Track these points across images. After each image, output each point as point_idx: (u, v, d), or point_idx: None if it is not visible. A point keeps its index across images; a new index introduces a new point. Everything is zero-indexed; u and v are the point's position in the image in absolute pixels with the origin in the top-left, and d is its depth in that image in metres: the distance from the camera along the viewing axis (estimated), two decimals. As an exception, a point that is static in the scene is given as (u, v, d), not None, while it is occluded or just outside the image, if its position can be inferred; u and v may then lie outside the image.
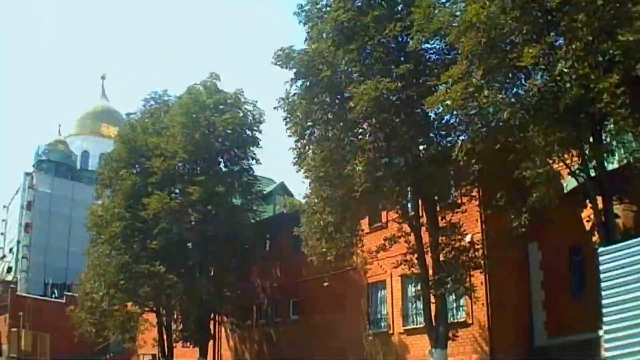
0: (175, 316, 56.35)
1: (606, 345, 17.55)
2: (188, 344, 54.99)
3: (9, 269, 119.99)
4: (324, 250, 33.71)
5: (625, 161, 26.22)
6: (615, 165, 26.55)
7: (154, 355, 66.35)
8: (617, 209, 26.74)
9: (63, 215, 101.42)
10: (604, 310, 17.84)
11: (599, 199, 25.51)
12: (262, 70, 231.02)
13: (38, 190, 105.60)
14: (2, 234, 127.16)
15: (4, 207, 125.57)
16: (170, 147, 50.11)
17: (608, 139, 25.09)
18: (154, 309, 57.02)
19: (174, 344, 56.44)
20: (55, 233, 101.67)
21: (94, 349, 76.91)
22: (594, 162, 25.19)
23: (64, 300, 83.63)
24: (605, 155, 24.89)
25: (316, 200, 33.20)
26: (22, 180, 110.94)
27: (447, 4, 28.43)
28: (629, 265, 17.26)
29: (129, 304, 57.71)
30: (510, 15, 23.93)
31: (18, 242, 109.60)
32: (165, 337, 56.83)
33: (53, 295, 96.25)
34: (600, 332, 29.15)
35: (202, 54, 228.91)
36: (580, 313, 31.59)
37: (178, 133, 49.93)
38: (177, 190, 51.67)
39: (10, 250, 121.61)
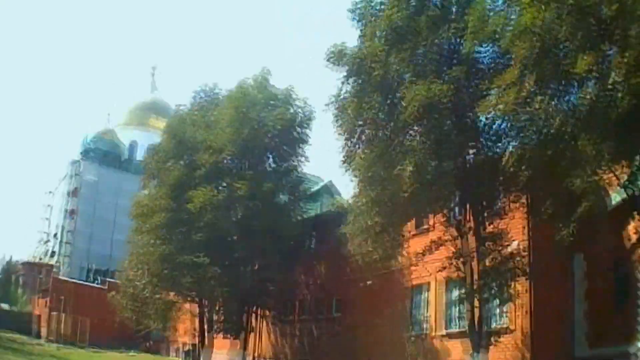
0: (216, 307, 56.69)
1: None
2: (229, 335, 55.64)
3: (52, 254, 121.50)
4: (369, 250, 33.77)
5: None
6: (666, 180, 26.20)
7: (194, 345, 66.89)
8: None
9: (108, 204, 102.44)
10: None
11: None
12: (313, 68, 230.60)
13: (84, 177, 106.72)
14: (47, 219, 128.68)
15: (50, 192, 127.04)
16: (218, 142, 50.56)
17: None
18: (196, 299, 57.41)
19: (215, 335, 56.77)
20: (100, 220, 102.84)
21: (134, 336, 77.67)
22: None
23: (105, 287, 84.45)
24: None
25: (364, 201, 32.97)
26: (68, 168, 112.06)
27: (502, 9, 28.24)
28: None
29: (171, 293, 58.05)
30: (565, 22, 23.72)
31: (62, 227, 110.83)
32: (205, 327, 57.05)
33: (95, 281, 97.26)
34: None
35: (255, 49, 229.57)
36: (622, 326, 31.42)
37: (227, 128, 50.34)
38: (223, 185, 51.95)
39: (55, 235, 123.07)
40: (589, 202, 24.77)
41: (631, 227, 28.83)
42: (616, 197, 29.75)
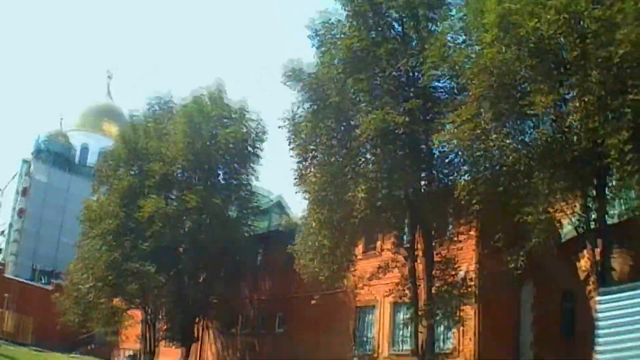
0: (160, 315, 56.63)
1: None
2: (172, 343, 55.49)
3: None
4: (316, 270, 33.67)
5: (626, 217, 26.31)
6: (616, 220, 26.54)
7: (136, 351, 66.63)
8: (614, 261, 26.75)
9: (57, 206, 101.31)
10: (599, 349, 17.99)
11: (597, 250, 25.58)
12: (268, 77, 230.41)
13: (34, 178, 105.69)
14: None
15: (0, 190, 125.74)
16: (170, 153, 50.40)
17: (611, 194, 25.14)
18: (141, 306, 57.14)
19: (158, 343, 56.77)
20: (48, 222, 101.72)
21: (77, 339, 77.10)
22: (594, 214, 25.26)
23: (50, 287, 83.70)
24: (606, 209, 24.91)
25: (313, 223, 33.01)
26: (19, 167, 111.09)
27: (462, 45, 28.51)
28: (627, 307, 17.45)
29: (116, 299, 57.89)
30: (525, 63, 23.98)
31: (10, 225, 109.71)
32: (149, 334, 56.89)
33: (41, 281, 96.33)
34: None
35: (209, 57, 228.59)
36: (567, 356, 31.82)
37: (179, 140, 50.18)
38: (173, 196, 52.01)
39: (2, 232, 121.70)
40: (540, 238, 24.88)
41: (580, 263, 29.14)
42: (567, 231, 30.10)
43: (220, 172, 52.90)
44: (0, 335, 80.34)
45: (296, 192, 33.87)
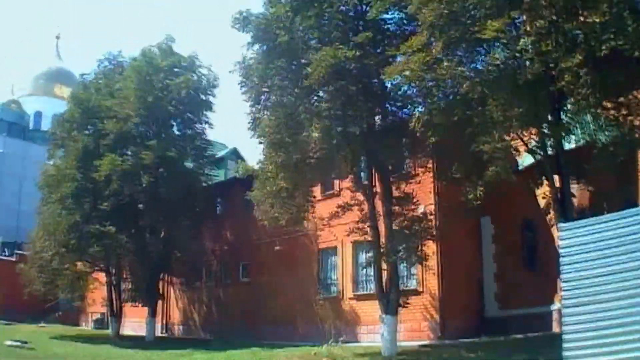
0: (125, 276, 57.23)
1: (566, 320, 17.60)
2: (137, 303, 55.56)
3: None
4: (276, 215, 33.59)
5: (582, 142, 26.23)
6: (573, 145, 26.52)
7: (103, 314, 66.64)
8: (573, 188, 26.70)
9: (14, 174, 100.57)
10: (563, 285, 17.93)
11: (556, 177, 25.51)
12: (218, 34, 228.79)
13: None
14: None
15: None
16: (123, 110, 50.18)
17: (567, 118, 24.96)
18: (104, 268, 57.33)
19: (123, 304, 56.96)
20: (6, 192, 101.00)
21: (44, 307, 76.92)
22: (551, 141, 25.13)
23: (14, 259, 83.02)
24: (563, 134, 24.71)
25: (270, 167, 32.92)
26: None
27: (410, -26, 28.08)
28: (589, 242, 17.38)
29: (79, 263, 58.10)
30: (474, -11, 23.67)
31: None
32: (114, 296, 57.06)
33: (3, 254, 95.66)
34: (553, 306, 29.58)
35: (158, 16, 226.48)
36: (532, 287, 31.96)
37: (131, 95, 50.02)
38: (129, 153, 51.53)
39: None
40: (497, 167, 24.76)
41: (539, 191, 29.05)
42: (525, 159, 30.06)
43: (174, 123, 52.93)
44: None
45: (251, 137, 33.51)
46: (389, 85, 29.64)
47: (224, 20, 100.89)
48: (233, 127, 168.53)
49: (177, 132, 53.11)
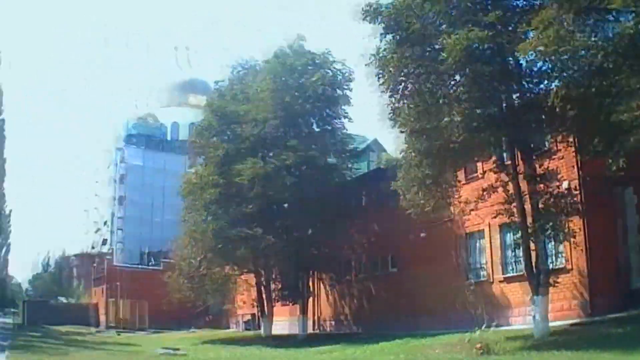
0: (273, 276, 57.66)
1: None
2: (288, 302, 56.25)
3: (104, 242, 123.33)
4: (421, 202, 33.95)
5: None
6: None
7: (253, 315, 67.72)
8: None
9: (156, 186, 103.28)
10: None
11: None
12: (346, 29, 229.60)
13: (130, 163, 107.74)
14: (95, 208, 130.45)
15: (97, 182, 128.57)
16: (260, 113, 51.15)
17: None
18: (252, 270, 58.15)
19: (274, 303, 57.56)
20: (149, 204, 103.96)
21: (193, 313, 78.81)
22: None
23: (160, 268, 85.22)
24: None
25: (413, 154, 33.24)
26: (113, 156, 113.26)
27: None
28: None
29: (226, 267, 59.06)
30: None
31: (112, 214, 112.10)
32: (264, 296, 57.80)
33: (150, 264, 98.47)
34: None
35: (284, 18, 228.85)
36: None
37: (268, 98, 50.86)
38: (270, 155, 52.48)
39: (105, 223, 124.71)
40: (637, 135, 24.72)
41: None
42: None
43: (313, 120, 53.20)
44: (117, 324, 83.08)
45: (392, 127, 34.19)
46: (523, 62, 29.70)
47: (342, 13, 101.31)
48: (371, 117, 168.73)
49: (317, 130, 53.28)
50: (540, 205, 31.19)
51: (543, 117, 30.51)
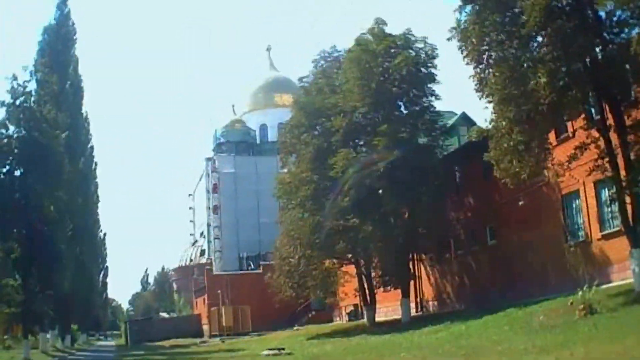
0: (374, 264, 57.73)
1: None
2: (389, 287, 56.39)
3: (202, 252, 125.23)
4: (516, 170, 33.86)
5: None
6: None
7: (355, 305, 68.43)
8: None
9: (249, 191, 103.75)
10: None
11: None
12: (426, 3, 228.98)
13: (221, 172, 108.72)
14: (191, 221, 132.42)
15: (190, 195, 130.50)
16: (348, 103, 51.57)
17: None
18: (352, 261, 58.79)
19: (375, 291, 58.10)
20: (243, 209, 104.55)
21: (295, 311, 79.79)
22: None
23: (260, 270, 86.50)
24: None
25: (503, 123, 33.39)
26: (204, 166, 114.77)
27: None
28: None
29: (326, 261, 59.83)
30: None
31: (208, 225, 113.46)
32: (366, 285, 58.49)
33: (249, 268, 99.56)
34: None
35: (361, 4, 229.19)
36: None
37: (354, 87, 51.06)
38: (361, 143, 53.16)
39: (201, 234, 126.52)
40: None
41: None
42: None
43: (400, 103, 52.95)
44: (220, 331, 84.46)
45: (480, 98, 34.32)
46: (602, 14, 30.12)
47: None
48: (458, 92, 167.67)
49: (405, 111, 53.07)
50: (632, 157, 31.17)
51: (627, 66, 30.52)
